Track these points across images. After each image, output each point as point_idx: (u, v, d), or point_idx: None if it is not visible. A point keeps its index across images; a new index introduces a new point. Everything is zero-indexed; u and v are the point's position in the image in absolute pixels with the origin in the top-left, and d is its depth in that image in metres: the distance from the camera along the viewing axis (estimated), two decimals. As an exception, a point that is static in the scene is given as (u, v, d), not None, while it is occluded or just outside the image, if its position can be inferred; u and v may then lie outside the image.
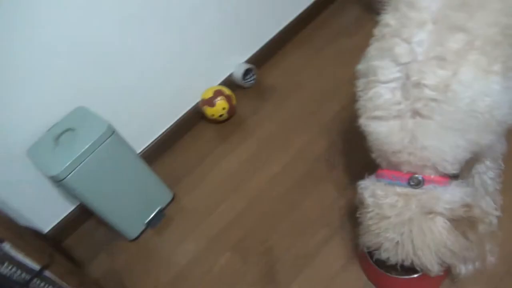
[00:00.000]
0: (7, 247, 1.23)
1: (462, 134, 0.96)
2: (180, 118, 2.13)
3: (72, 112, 1.66)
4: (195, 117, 2.18)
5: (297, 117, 2.01)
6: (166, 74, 1.97)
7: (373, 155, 1.10)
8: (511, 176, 1.36)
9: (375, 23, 1.09)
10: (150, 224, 1.83)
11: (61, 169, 1.46)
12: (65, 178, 1.48)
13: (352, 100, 1.10)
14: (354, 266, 1.43)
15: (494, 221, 1.28)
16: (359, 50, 1.13)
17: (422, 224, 0.98)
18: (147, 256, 1.75)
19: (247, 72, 2.24)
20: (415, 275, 1.19)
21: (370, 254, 1.22)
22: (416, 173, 1.02)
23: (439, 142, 0.97)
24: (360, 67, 1.09)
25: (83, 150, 1.49)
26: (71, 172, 1.48)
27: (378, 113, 1.03)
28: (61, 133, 1.58)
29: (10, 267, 1.24)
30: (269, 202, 1.74)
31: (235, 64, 2.23)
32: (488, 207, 1.27)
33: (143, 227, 1.83)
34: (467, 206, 0.98)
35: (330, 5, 2.48)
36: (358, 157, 1.67)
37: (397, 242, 1.02)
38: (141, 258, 1.76)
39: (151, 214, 1.83)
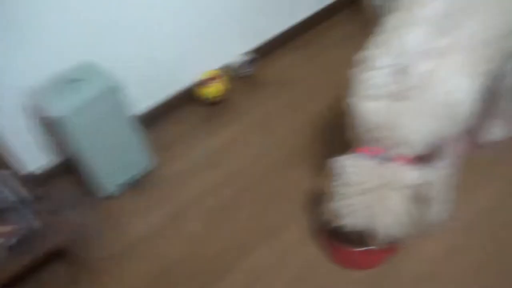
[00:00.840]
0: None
1: (433, 120, 1.13)
2: (178, 91, 2.26)
3: (83, 64, 1.75)
4: (191, 94, 2.30)
5: (285, 110, 2.16)
6: (175, 42, 2.10)
7: (354, 133, 1.25)
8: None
9: (365, 39, 1.27)
10: (126, 185, 1.92)
11: (63, 108, 1.56)
12: (65, 118, 1.57)
13: (337, 101, 1.24)
14: (315, 241, 1.57)
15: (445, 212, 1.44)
16: (347, 61, 1.31)
17: (388, 193, 1.13)
18: (116, 216, 1.83)
19: (246, 62, 2.38)
20: (366, 248, 1.32)
21: (330, 230, 1.35)
22: (389, 150, 1.17)
23: (416, 122, 1.13)
24: (360, 56, 1.25)
25: (88, 96, 1.60)
26: (72, 114, 1.58)
27: (369, 92, 1.18)
28: (70, 80, 1.67)
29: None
30: (245, 179, 1.87)
31: (236, 52, 2.38)
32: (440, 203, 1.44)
33: (118, 187, 1.90)
34: (423, 184, 1.13)
35: (331, 17, 2.67)
36: (335, 149, 1.81)
37: (362, 207, 1.15)
38: (110, 217, 1.83)
39: (130, 175, 1.92)
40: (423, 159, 1.22)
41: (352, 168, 1.17)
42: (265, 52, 2.50)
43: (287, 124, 2.07)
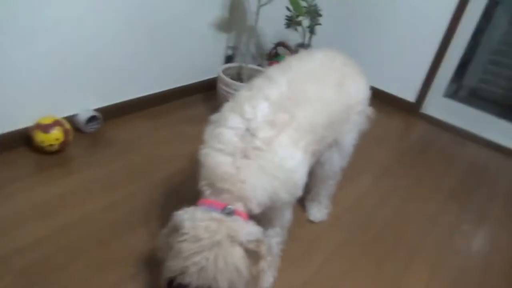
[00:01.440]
0: None
1: (270, 180, 1.27)
2: (11, 131, 2.01)
3: None
4: (21, 139, 2.05)
5: (127, 171, 2.10)
6: (21, 78, 1.91)
7: (201, 184, 1.31)
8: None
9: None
10: None
11: None
12: None
13: (181, 171, 1.25)
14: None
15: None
16: (194, 137, 1.42)
17: (228, 249, 1.16)
18: None
19: (91, 119, 2.30)
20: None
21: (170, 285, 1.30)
22: (230, 204, 1.25)
23: (255, 180, 1.26)
24: (213, 117, 1.37)
25: None
26: None
27: (219, 146, 1.28)
28: None
29: None
30: (75, 236, 1.68)
31: (83, 107, 2.28)
32: (270, 264, 1.56)
33: None
34: (258, 241, 1.22)
35: (186, 96, 2.86)
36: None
37: (202, 264, 1.14)
38: None
39: None
40: (260, 217, 1.34)
41: (190, 222, 1.17)
42: (117, 113, 2.47)
43: (128, 184, 2.00)
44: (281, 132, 1.30)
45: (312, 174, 1.79)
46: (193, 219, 1.19)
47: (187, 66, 2.79)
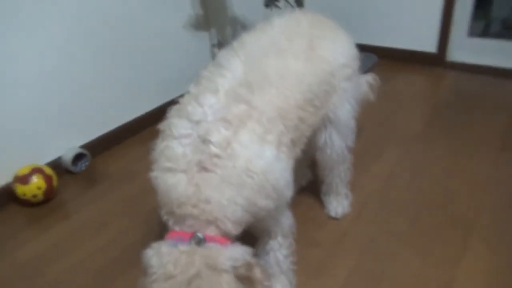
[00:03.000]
0: None
1: (239, 190, 1.00)
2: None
3: None
4: (6, 196, 1.91)
5: (122, 205, 1.90)
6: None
7: (162, 213, 1.06)
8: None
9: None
10: None
11: None
12: None
13: None
14: None
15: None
16: None
17: (211, 279, 0.92)
18: None
19: (78, 157, 2.13)
20: None
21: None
22: (199, 231, 0.99)
23: (220, 195, 0.99)
24: (161, 126, 1.11)
25: None
26: None
27: (168, 164, 1.03)
28: None
29: None
30: (73, 283, 1.50)
31: (68, 146, 2.11)
32: (284, 286, 1.28)
33: None
34: (248, 264, 0.96)
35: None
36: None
37: None
38: None
39: None
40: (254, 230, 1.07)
41: (157, 259, 0.95)
42: (105, 145, 2.28)
43: (122, 220, 1.80)
44: (239, 129, 1.02)
45: (317, 164, 1.49)
46: (159, 255, 0.97)
47: (173, 77, 2.56)
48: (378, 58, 2.94)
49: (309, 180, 1.84)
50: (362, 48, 1.77)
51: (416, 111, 2.43)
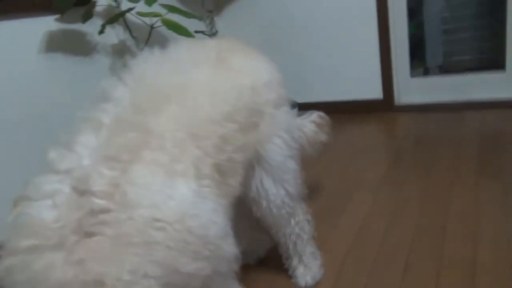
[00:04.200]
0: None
1: (146, 254, 0.65)
2: None
3: None
4: None
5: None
6: None
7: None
8: None
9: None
10: None
11: None
12: None
13: None
14: None
15: None
16: None
17: None
18: None
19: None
20: None
21: None
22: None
23: (118, 268, 0.64)
24: (13, 196, 0.77)
25: None
26: None
27: (29, 242, 0.67)
28: None
29: None
30: None
31: None
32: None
33: None
34: None
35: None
36: None
37: None
38: None
39: None
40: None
41: None
42: None
43: None
44: (131, 165, 0.71)
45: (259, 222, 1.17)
46: None
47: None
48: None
49: (268, 248, 1.48)
50: (307, 107, 1.71)
51: (375, 158, 2.21)
